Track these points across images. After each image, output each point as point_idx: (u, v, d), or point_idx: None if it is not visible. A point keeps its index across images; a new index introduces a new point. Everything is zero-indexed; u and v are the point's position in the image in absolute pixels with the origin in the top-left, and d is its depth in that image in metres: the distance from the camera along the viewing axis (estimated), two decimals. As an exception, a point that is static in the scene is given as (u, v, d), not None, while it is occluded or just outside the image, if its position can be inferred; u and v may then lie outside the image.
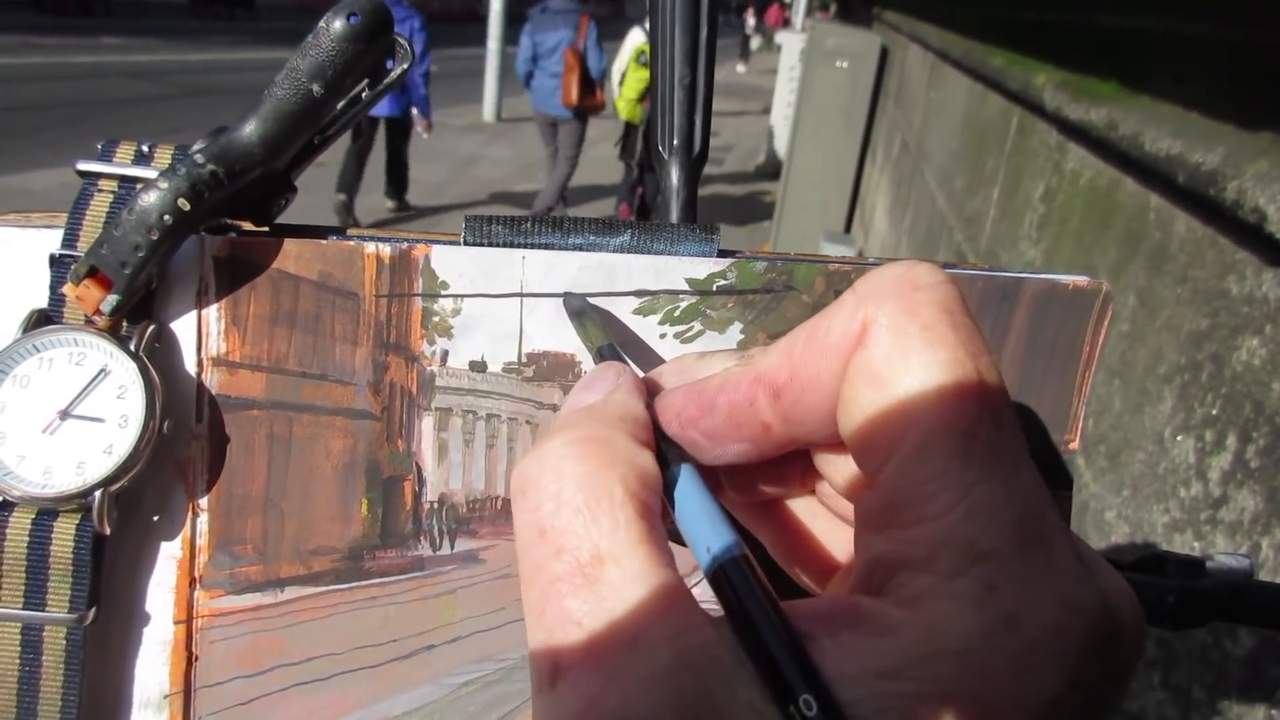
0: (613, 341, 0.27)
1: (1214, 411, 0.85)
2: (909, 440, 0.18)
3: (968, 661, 0.16)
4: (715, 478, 0.25)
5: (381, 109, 4.73)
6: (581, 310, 0.29)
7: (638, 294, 0.31)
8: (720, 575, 0.18)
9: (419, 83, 4.87)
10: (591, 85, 4.89)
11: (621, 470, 0.19)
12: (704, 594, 0.18)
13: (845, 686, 0.16)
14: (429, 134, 5.16)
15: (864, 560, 0.18)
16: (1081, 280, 0.32)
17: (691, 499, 0.20)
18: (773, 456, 0.22)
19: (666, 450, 0.22)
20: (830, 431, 0.20)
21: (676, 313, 0.31)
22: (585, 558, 0.18)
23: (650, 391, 0.24)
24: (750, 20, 21.13)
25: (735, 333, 0.32)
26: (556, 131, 5.14)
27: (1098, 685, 0.17)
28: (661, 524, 0.19)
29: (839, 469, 0.22)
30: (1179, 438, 0.91)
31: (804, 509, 0.25)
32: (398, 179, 5.31)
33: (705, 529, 0.19)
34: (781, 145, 6.58)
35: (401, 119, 4.97)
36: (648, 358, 0.32)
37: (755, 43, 21.09)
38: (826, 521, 0.25)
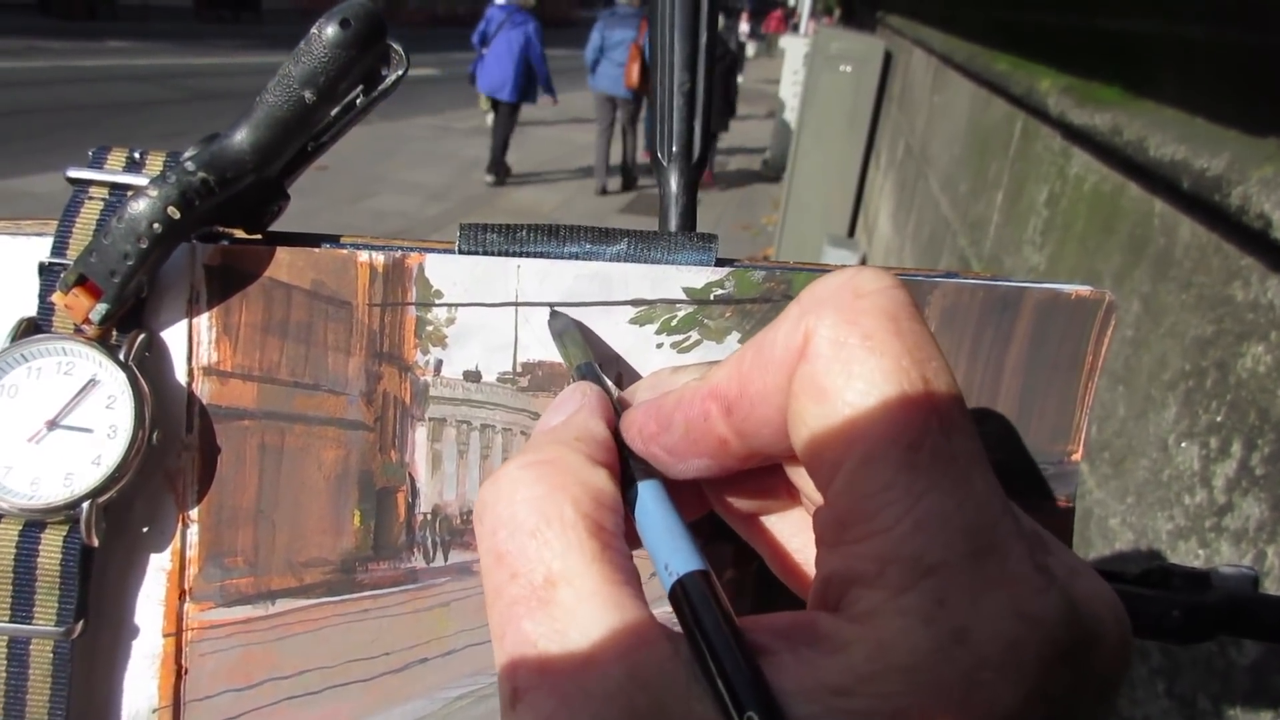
0: (591, 360, 0.27)
1: (1219, 418, 0.85)
2: (854, 454, 0.18)
3: (918, 678, 0.16)
4: (700, 492, 0.25)
5: (503, 92, 6.02)
6: (563, 330, 0.29)
7: (634, 303, 0.31)
8: (678, 591, 0.18)
9: (540, 65, 6.10)
10: (648, 72, 5.83)
11: (573, 491, 0.19)
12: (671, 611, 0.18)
13: (801, 702, 0.16)
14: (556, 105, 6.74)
15: (820, 576, 0.18)
16: (1084, 290, 0.32)
17: (652, 516, 0.20)
18: (737, 470, 0.22)
19: (634, 468, 0.22)
20: (787, 445, 0.20)
21: (674, 322, 0.31)
22: (539, 580, 0.18)
23: (625, 407, 0.24)
24: (745, 27, 18.91)
25: (733, 342, 0.31)
26: (615, 108, 6.39)
27: (1066, 698, 0.16)
28: (620, 542, 0.19)
29: (808, 481, 0.22)
30: (1183, 444, 0.90)
31: (795, 520, 0.25)
32: (499, 157, 6.49)
33: (665, 545, 0.19)
34: (784, 149, 6.60)
35: (515, 104, 6.15)
36: (638, 372, 0.31)
37: (751, 50, 19.40)
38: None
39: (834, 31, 5.86)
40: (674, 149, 0.39)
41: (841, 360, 0.18)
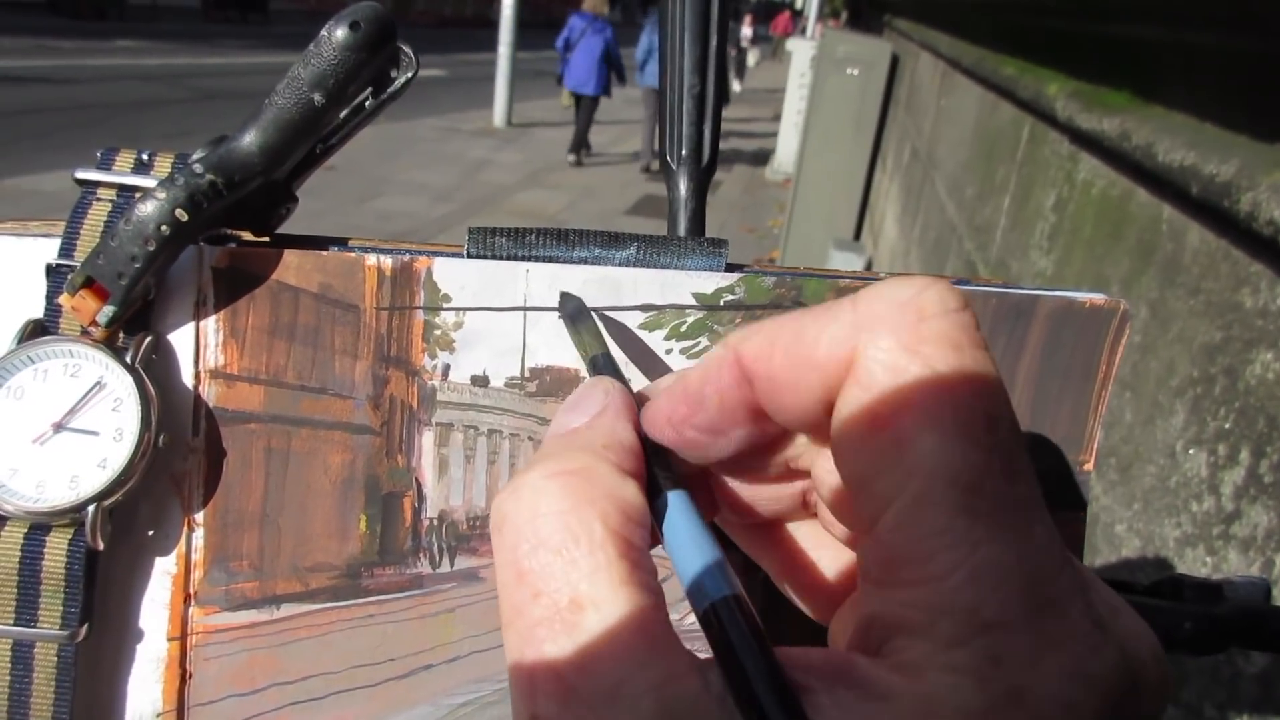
0: (607, 350, 0.26)
1: (1227, 425, 0.84)
2: (909, 491, 0.16)
3: None
4: (711, 499, 0.24)
5: (588, 88, 7.21)
6: (576, 314, 0.28)
7: (643, 309, 0.30)
8: (711, 616, 0.17)
9: (620, 65, 7.23)
10: None
11: (602, 506, 0.18)
12: (694, 624, 0.18)
13: None
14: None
15: (861, 615, 0.17)
16: (1098, 298, 0.32)
17: (682, 531, 0.19)
18: (777, 436, 0.21)
19: (659, 476, 0.20)
20: (811, 421, 0.19)
21: (683, 328, 0.31)
22: (564, 602, 0.17)
23: (641, 407, 0.22)
24: (746, 31, 17.11)
25: None
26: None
27: None
28: (648, 559, 0.18)
29: (830, 474, 0.21)
30: (1191, 451, 0.90)
31: (805, 533, 0.24)
32: (582, 140, 7.62)
33: (696, 564, 0.18)
34: (791, 152, 6.62)
35: (594, 97, 7.30)
36: (653, 367, 0.31)
37: (753, 57, 17.77)
38: (829, 547, 0.24)
39: (841, 34, 5.86)
40: (683, 152, 0.39)
41: (898, 390, 0.17)
